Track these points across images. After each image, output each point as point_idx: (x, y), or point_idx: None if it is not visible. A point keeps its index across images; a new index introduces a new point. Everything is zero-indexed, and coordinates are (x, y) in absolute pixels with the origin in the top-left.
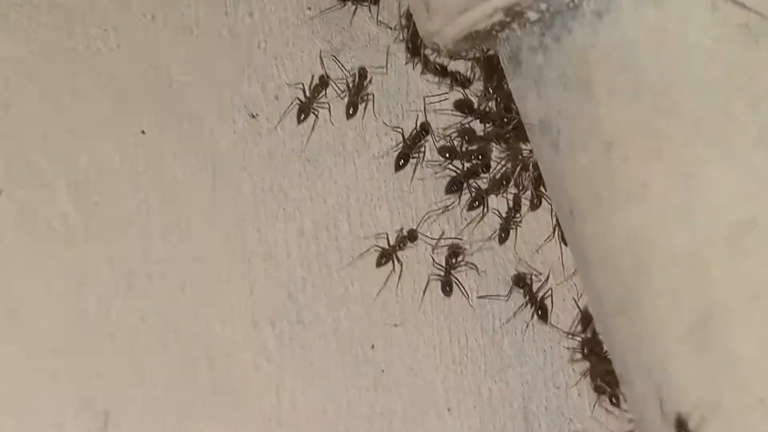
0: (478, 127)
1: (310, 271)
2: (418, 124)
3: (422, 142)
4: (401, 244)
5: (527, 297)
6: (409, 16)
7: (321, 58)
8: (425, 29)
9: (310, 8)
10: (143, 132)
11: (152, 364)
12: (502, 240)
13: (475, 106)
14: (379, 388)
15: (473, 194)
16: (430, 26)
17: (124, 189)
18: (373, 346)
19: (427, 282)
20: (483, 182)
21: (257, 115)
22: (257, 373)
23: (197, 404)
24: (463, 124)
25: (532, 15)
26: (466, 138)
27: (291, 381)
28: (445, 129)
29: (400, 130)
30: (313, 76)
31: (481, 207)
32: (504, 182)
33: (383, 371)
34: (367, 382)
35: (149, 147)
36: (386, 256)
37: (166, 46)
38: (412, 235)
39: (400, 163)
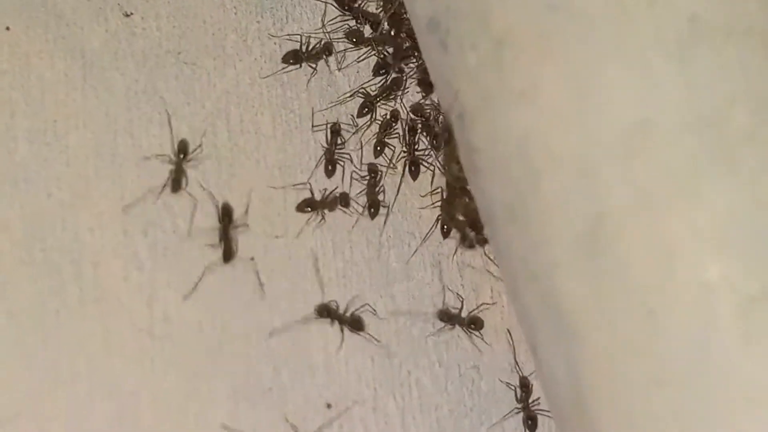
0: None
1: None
2: (322, 43)
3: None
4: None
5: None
6: None
7: None
8: None
9: None
10: (8, 28)
11: (16, 275)
12: (414, 174)
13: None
14: (258, 301)
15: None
16: None
17: None
18: (252, 258)
19: None
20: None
21: (131, 13)
22: (127, 284)
23: (64, 316)
24: (350, 26)
25: None
26: (354, 40)
27: (164, 292)
28: (330, 32)
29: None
30: None
31: (371, 114)
32: (394, 87)
33: (263, 284)
34: (245, 296)
35: (14, 44)
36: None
37: None
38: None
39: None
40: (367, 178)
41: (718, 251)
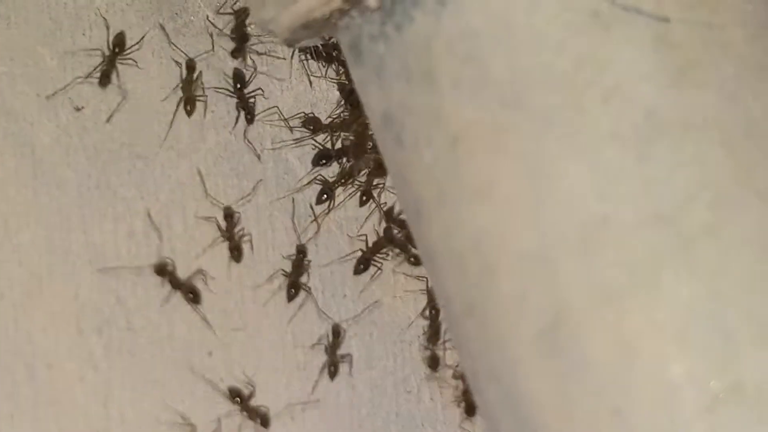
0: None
1: (140, 273)
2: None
3: None
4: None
5: None
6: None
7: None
8: (259, 17)
9: None
10: None
11: None
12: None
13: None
14: (217, 397)
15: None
16: (264, 13)
17: None
18: (210, 353)
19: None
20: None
21: (82, 107)
22: (83, 384)
23: (18, 419)
24: (307, 114)
25: (372, 2)
26: (311, 128)
27: (120, 392)
28: (285, 119)
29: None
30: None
31: (330, 201)
32: (353, 172)
33: (222, 380)
34: (205, 391)
35: None
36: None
37: None
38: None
39: None
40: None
41: (680, 348)
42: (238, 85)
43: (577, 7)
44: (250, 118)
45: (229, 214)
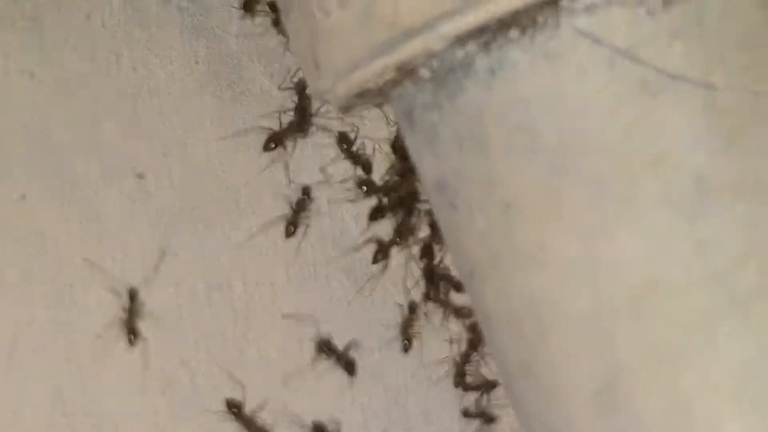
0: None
1: (203, 334)
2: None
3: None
4: None
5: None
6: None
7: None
8: (315, 87)
9: (197, 62)
10: (23, 197)
11: None
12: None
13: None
14: None
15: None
16: (320, 84)
17: (4, 257)
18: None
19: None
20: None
21: (144, 175)
22: None
23: None
24: (360, 177)
25: (425, 73)
26: (365, 189)
27: None
28: (342, 181)
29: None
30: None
31: (386, 259)
32: (408, 232)
33: None
34: None
35: (29, 213)
36: None
37: (45, 104)
38: None
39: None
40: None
41: (735, 407)
42: (345, 146)
43: (625, 76)
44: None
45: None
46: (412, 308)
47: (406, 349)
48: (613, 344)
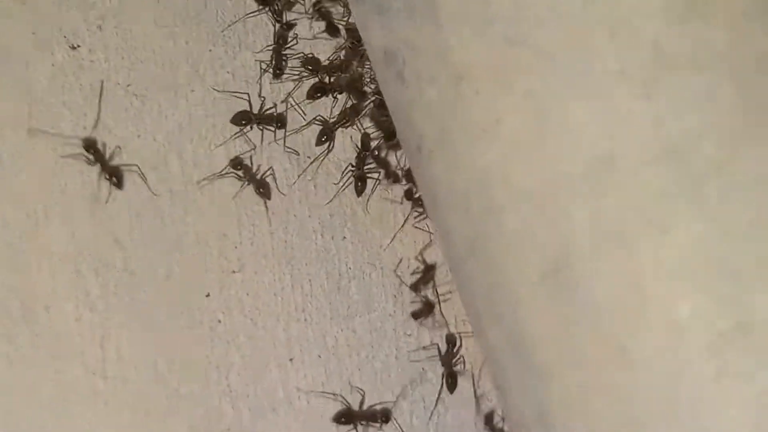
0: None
1: (138, 215)
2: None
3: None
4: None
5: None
6: None
7: None
8: None
9: None
10: None
11: None
12: (360, 190)
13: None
14: (216, 338)
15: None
16: None
17: None
18: (208, 294)
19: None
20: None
21: (78, 46)
22: (80, 324)
23: (14, 361)
24: (306, 55)
25: None
26: (311, 68)
27: (117, 332)
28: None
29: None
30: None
31: (329, 142)
32: (353, 114)
33: (220, 321)
34: (202, 333)
35: None
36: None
37: None
38: None
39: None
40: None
41: (687, 287)
42: (280, 41)
43: None
44: (278, 73)
45: (238, 163)
46: (452, 341)
47: (450, 388)
48: (565, 223)
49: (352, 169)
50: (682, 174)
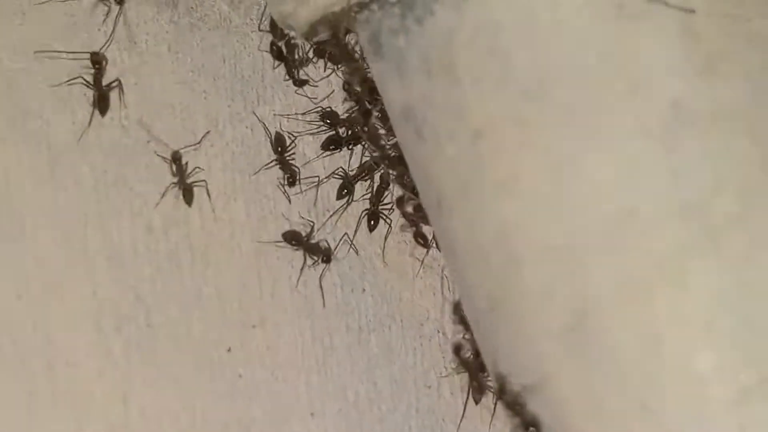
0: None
1: (159, 270)
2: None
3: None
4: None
5: None
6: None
7: None
8: (278, 11)
9: None
10: None
11: None
12: (372, 227)
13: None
14: (237, 393)
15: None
16: (283, 8)
17: None
18: (229, 349)
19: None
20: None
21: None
22: (102, 381)
23: (36, 417)
24: (324, 108)
25: None
26: (328, 121)
27: (140, 389)
28: (304, 114)
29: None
30: None
31: (349, 196)
32: (374, 166)
33: (240, 376)
34: (224, 388)
35: None
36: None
37: None
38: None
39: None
40: None
41: (708, 340)
42: (279, 149)
43: None
44: (291, 181)
45: (176, 158)
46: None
47: (476, 400)
48: (585, 276)
49: (367, 209)
50: (701, 227)
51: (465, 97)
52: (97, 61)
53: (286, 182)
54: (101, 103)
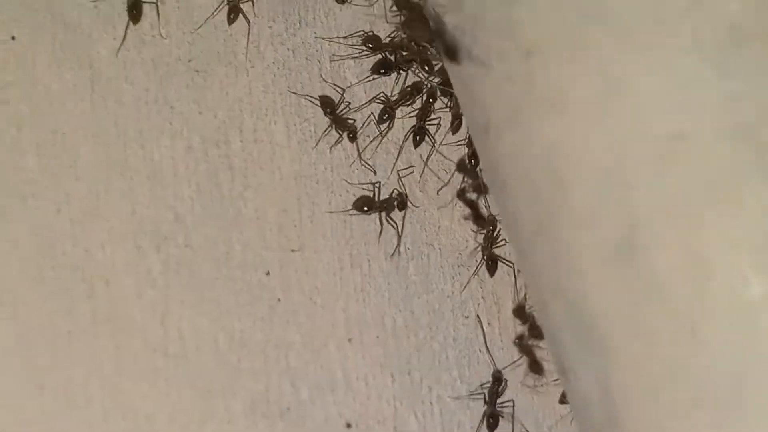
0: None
1: (199, 190)
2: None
3: None
4: None
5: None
6: None
7: None
8: None
9: None
10: (13, 38)
11: (26, 294)
12: (417, 143)
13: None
14: (275, 317)
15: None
16: None
17: None
18: (268, 273)
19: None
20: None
21: (139, 20)
22: (140, 301)
23: (75, 336)
24: (366, 33)
25: None
26: (370, 45)
27: (178, 309)
28: (345, 37)
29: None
30: None
31: (391, 120)
32: (414, 92)
33: (279, 300)
34: (262, 311)
35: (20, 54)
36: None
37: None
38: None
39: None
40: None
41: (759, 266)
42: (328, 110)
43: None
44: (352, 137)
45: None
46: (497, 379)
47: (491, 428)
48: (633, 198)
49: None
50: (753, 151)
51: (517, 15)
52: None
53: (347, 138)
54: (134, 11)
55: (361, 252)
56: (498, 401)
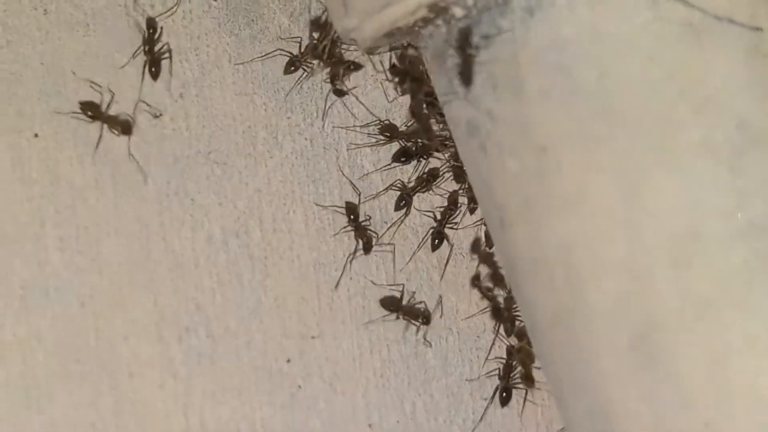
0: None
1: (219, 281)
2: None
3: None
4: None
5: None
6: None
7: None
8: (342, 26)
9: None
10: (36, 135)
11: (50, 388)
12: (435, 246)
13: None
14: (296, 404)
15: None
16: (347, 23)
17: (16, 197)
18: (288, 360)
19: None
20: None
21: (160, 114)
22: (163, 392)
23: (99, 428)
24: (382, 121)
25: (458, 11)
26: (388, 134)
27: (200, 399)
28: (363, 126)
29: None
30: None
31: (407, 207)
32: (431, 179)
33: (300, 387)
34: (283, 399)
35: (42, 151)
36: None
37: (60, 42)
38: None
39: None
40: None
41: None
42: (351, 216)
43: (668, 17)
44: (367, 247)
45: (151, 25)
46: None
47: (503, 402)
48: (651, 295)
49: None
50: (766, 246)
51: (530, 112)
52: (152, 25)
53: (362, 247)
54: (153, 67)
55: (379, 337)
56: None
